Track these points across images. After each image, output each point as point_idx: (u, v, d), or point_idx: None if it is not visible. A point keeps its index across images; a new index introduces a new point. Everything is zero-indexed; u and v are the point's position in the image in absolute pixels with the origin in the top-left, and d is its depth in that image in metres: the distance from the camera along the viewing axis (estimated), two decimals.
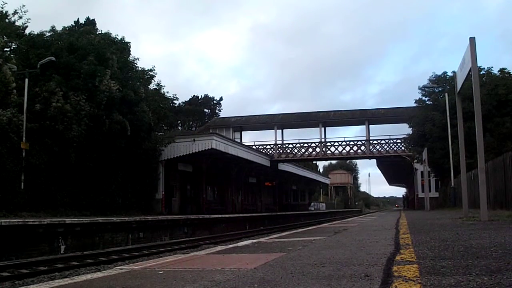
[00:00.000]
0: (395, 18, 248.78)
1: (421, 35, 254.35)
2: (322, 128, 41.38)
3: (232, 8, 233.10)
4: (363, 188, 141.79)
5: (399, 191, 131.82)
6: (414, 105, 33.25)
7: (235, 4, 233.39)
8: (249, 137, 57.07)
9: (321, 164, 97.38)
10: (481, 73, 25.75)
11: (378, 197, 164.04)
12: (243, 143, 40.45)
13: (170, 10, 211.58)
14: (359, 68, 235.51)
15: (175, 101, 36.38)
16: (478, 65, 10.76)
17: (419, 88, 31.97)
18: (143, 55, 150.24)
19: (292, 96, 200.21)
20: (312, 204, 72.50)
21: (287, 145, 42.51)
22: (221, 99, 63.77)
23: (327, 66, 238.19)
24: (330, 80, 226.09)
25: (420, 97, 32.41)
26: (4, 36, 22.40)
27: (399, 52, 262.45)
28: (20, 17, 23.68)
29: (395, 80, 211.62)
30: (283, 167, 45.60)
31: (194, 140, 29.95)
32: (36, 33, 24.67)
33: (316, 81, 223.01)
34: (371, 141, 39.59)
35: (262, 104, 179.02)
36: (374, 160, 46.34)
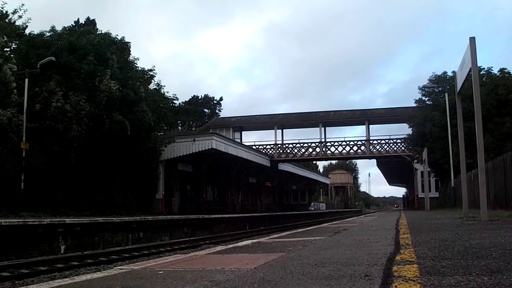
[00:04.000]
0: (407, 18, 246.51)
1: (433, 34, 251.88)
2: (322, 128, 41.41)
3: (248, 8, 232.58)
4: (363, 188, 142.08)
5: (399, 191, 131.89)
6: (414, 105, 33.33)
7: (251, 3, 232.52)
8: (249, 137, 57.16)
9: (321, 164, 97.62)
10: (481, 73, 25.77)
11: (378, 197, 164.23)
12: (243, 143, 40.46)
13: (185, 10, 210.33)
14: (370, 68, 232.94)
15: (175, 101, 36.43)
16: (482, 65, 10.77)
17: (419, 88, 32.09)
18: (157, 55, 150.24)
19: (301, 96, 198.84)
20: (312, 204, 72.49)
21: (287, 145, 42.49)
22: (221, 99, 63.86)
23: (338, 65, 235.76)
24: (340, 80, 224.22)
25: (420, 97, 32.53)
26: (4, 36, 22.40)
27: (410, 51, 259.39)
28: (20, 17, 23.70)
29: (405, 79, 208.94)
30: (283, 167, 45.58)
31: (194, 140, 29.96)
32: (36, 33, 24.71)
33: (326, 81, 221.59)
34: (371, 141, 39.59)
35: (271, 104, 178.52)
36: (374, 160, 46.37)
